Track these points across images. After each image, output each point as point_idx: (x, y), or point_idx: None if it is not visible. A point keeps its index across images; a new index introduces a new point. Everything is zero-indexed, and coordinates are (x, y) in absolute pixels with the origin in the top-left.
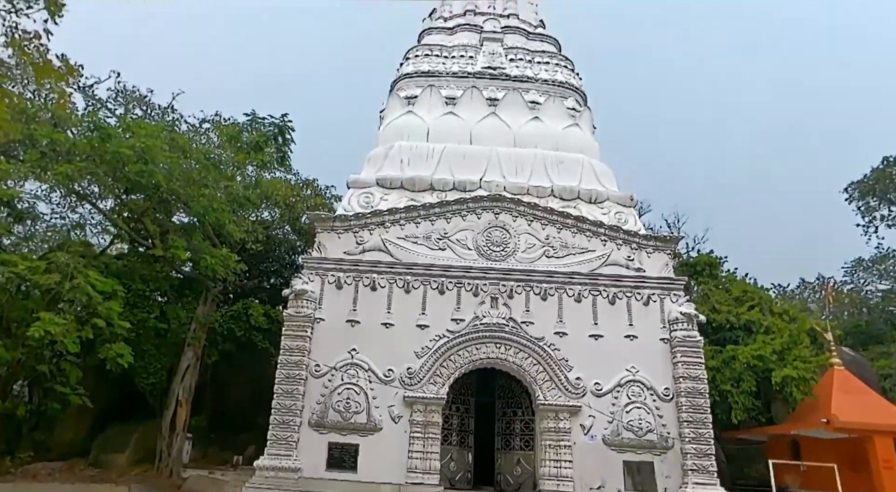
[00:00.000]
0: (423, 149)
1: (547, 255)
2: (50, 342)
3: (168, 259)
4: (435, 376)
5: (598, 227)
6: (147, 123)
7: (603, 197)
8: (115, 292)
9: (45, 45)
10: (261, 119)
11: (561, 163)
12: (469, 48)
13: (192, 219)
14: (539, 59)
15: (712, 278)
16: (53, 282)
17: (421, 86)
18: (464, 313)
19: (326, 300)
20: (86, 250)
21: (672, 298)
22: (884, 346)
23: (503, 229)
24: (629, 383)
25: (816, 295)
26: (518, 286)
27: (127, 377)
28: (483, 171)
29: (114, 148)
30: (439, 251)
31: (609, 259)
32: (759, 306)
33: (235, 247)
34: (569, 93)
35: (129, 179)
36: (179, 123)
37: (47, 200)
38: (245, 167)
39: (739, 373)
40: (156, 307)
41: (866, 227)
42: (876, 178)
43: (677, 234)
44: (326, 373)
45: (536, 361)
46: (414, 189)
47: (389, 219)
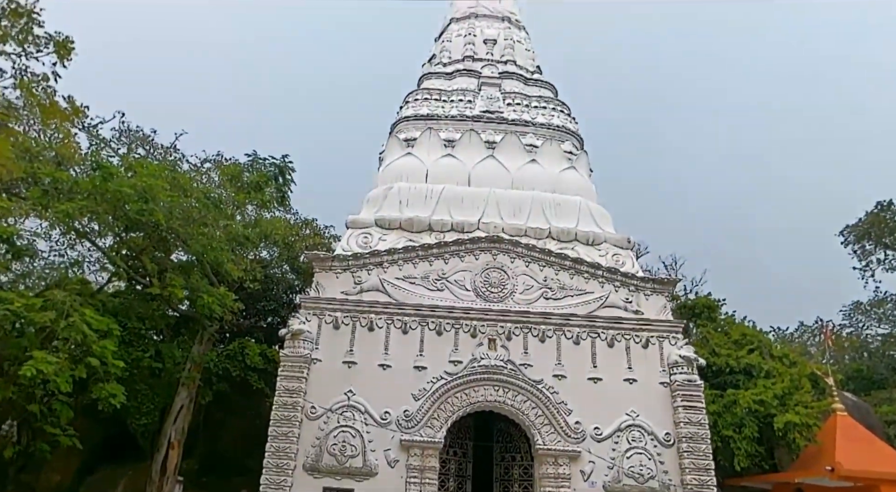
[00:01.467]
0: (422, 190)
1: (545, 296)
2: (42, 381)
3: (165, 297)
4: (432, 419)
5: (596, 269)
6: (149, 163)
7: (600, 239)
8: (110, 331)
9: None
10: (262, 159)
11: (558, 205)
12: (468, 93)
13: (190, 257)
14: (536, 104)
15: (711, 321)
16: (48, 320)
17: (420, 128)
18: (462, 355)
19: (323, 341)
20: (83, 288)
21: (671, 341)
22: (886, 391)
23: (501, 271)
24: (629, 427)
25: (816, 338)
26: (516, 328)
27: (118, 418)
28: (481, 212)
29: (115, 187)
30: (437, 292)
31: (607, 301)
32: (758, 350)
33: (233, 286)
34: (565, 137)
35: (129, 218)
36: (181, 162)
37: (47, 238)
38: (245, 206)
39: (741, 418)
40: (151, 346)
41: (863, 270)
42: (870, 222)
43: (675, 276)
44: (322, 415)
45: (535, 404)
46: (412, 230)
47: (388, 259)
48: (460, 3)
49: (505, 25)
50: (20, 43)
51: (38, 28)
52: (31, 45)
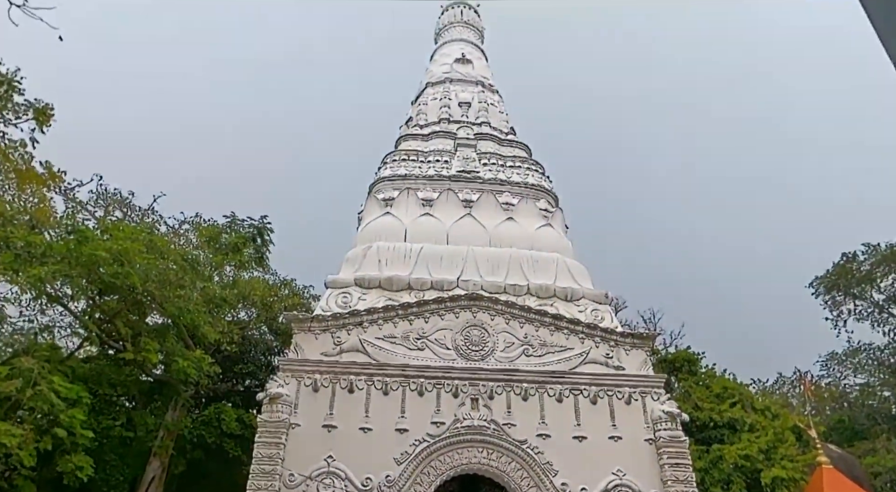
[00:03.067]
0: (401, 249)
1: (526, 353)
2: (4, 455)
3: (139, 362)
4: (416, 485)
5: (576, 325)
6: (126, 225)
7: (578, 295)
8: (79, 399)
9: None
10: (240, 221)
11: (536, 262)
12: (444, 153)
13: (166, 320)
14: (511, 164)
15: (692, 375)
16: (14, 389)
17: (398, 188)
18: (444, 416)
19: (302, 404)
20: (52, 354)
21: (653, 396)
22: (869, 442)
23: (482, 328)
24: (617, 487)
25: (796, 390)
26: (498, 386)
27: None
28: (460, 270)
29: (90, 250)
30: (418, 351)
31: (588, 357)
32: (741, 403)
33: (210, 348)
34: (541, 194)
35: (104, 281)
36: (159, 224)
37: (16, 303)
38: (223, 267)
39: (728, 474)
40: (122, 414)
41: (835, 320)
42: (838, 273)
43: (654, 330)
44: (301, 483)
45: (520, 465)
46: (392, 289)
47: (368, 319)
48: (436, 69)
49: (479, 89)
50: None
51: (18, 96)
52: (10, 112)
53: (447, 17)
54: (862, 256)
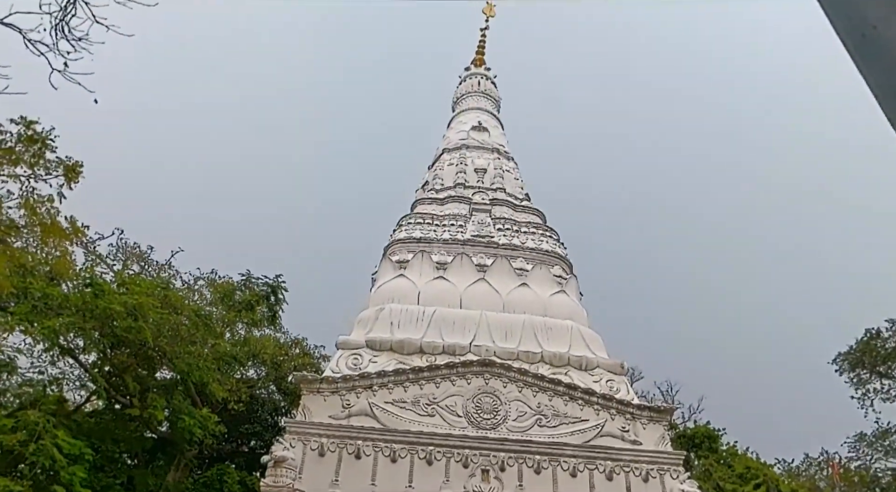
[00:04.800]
0: (414, 312)
1: (539, 423)
2: None
3: (145, 419)
4: None
5: (590, 395)
6: (142, 280)
7: (593, 364)
8: (81, 455)
9: (56, 208)
10: (255, 279)
11: (549, 329)
12: (459, 218)
13: (174, 376)
14: (525, 229)
15: (712, 452)
16: (17, 442)
17: (413, 251)
18: (453, 487)
19: (307, 469)
20: (59, 407)
21: (672, 475)
22: None
23: (494, 396)
24: None
25: (823, 472)
26: (510, 458)
27: None
28: (473, 335)
29: (105, 304)
30: (427, 417)
31: (603, 430)
32: (765, 485)
33: (216, 406)
34: (555, 261)
35: (116, 335)
36: (175, 279)
37: (28, 354)
38: (235, 325)
39: None
40: (123, 472)
41: (861, 400)
42: (861, 350)
43: (671, 402)
44: None
45: None
46: (403, 352)
47: (378, 382)
48: (452, 136)
49: (494, 156)
50: (31, 166)
51: (50, 153)
52: (41, 168)
53: (465, 87)
54: (887, 332)
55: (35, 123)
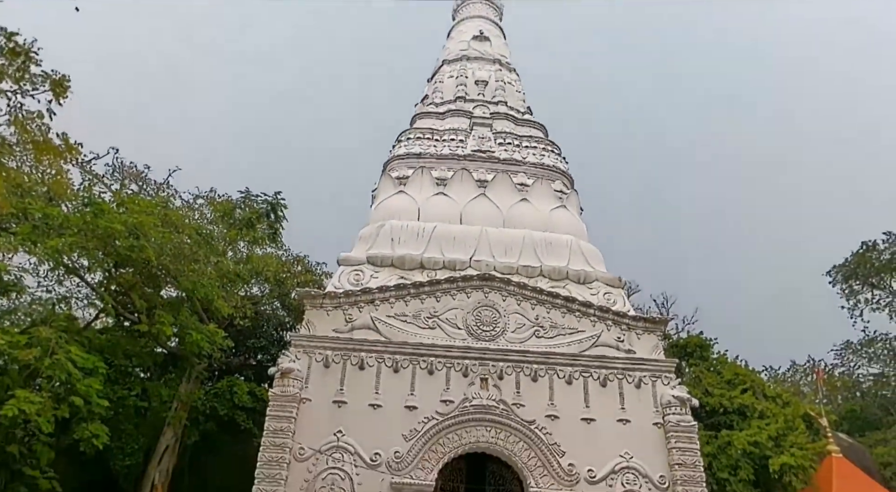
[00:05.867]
0: (414, 228)
1: (537, 335)
2: (23, 421)
3: (154, 335)
4: (423, 461)
5: (588, 307)
6: (141, 199)
7: (591, 278)
8: (95, 369)
9: (46, 125)
10: (254, 196)
11: (549, 244)
12: (459, 132)
13: (180, 294)
14: (527, 144)
15: (703, 361)
16: (33, 357)
17: (412, 167)
18: (453, 395)
19: (313, 380)
20: (69, 325)
21: (664, 381)
22: (881, 432)
23: (493, 309)
24: (623, 470)
25: (808, 378)
26: (508, 367)
27: (101, 459)
28: (473, 250)
29: (106, 223)
30: (428, 330)
31: (599, 340)
32: (752, 390)
33: (223, 323)
34: (556, 176)
35: (119, 254)
36: (174, 198)
37: (34, 274)
38: (236, 243)
39: (736, 460)
40: (137, 385)
41: (851, 310)
42: (856, 262)
43: (666, 314)
44: (311, 456)
45: (528, 445)
46: (404, 268)
47: (379, 297)
48: (452, 46)
49: (496, 67)
50: (17, 81)
51: (35, 67)
52: (27, 83)
53: None
54: (882, 244)
55: (16, 35)
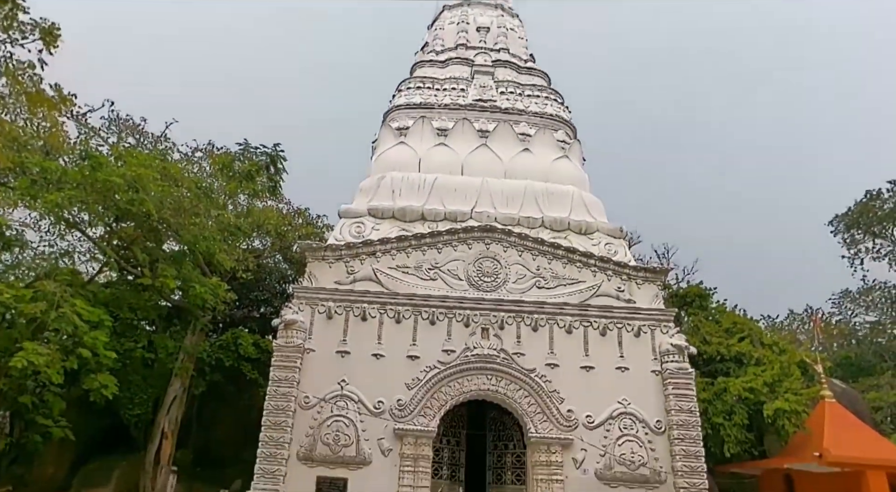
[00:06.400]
0: (415, 179)
1: (538, 286)
2: (33, 373)
3: (157, 288)
4: (425, 408)
5: (589, 258)
6: (139, 153)
7: (593, 228)
8: (101, 322)
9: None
10: (253, 148)
11: (551, 194)
12: (460, 81)
13: (182, 247)
14: (529, 93)
15: (702, 310)
16: (39, 311)
17: (413, 117)
18: (454, 344)
19: (316, 331)
20: (73, 279)
21: (663, 330)
22: (874, 378)
23: (494, 260)
24: (621, 415)
25: (805, 326)
26: (509, 317)
27: (111, 409)
28: (474, 202)
29: (105, 177)
30: (430, 281)
31: (599, 290)
32: (749, 338)
33: (225, 276)
34: (558, 125)
35: (119, 208)
36: (172, 151)
37: (36, 228)
38: (237, 196)
39: (731, 406)
40: (143, 337)
41: (851, 259)
42: (859, 211)
43: (667, 265)
44: (316, 405)
45: (528, 393)
46: (405, 219)
47: (380, 249)
48: None
49: (498, 13)
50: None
51: (24, 14)
52: (16, 31)
53: None
54: (887, 193)
55: None
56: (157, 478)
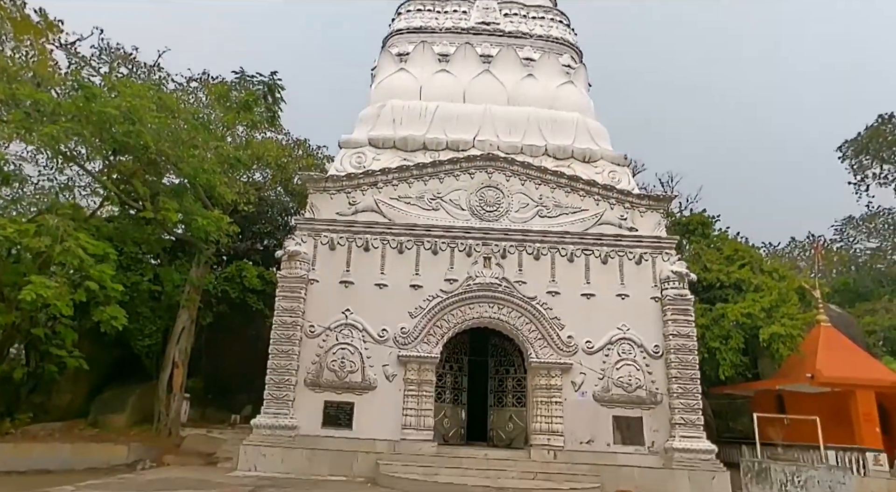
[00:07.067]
0: (416, 108)
1: (540, 214)
2: (43, 306)
3: (159, 221)
4: (429, 336)
5: (592, 186)
6: (133, 82)
7: (597, 156)
8: (106, 255)
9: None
10: (250, 77)
11: (555, 122)
12: (462, 3)
13: (182, 180)
14: (534, 14)
15: (704, 238)
16: (44, 245)
17: (413, 42)
18: (457, 273)
19: (320, 261)
20: (75, 213)
21: (664, 258)
22: (870, 303)
23: (496, 189)
24: (620, 341)
25: (806, 253)
26: (511, 246)
27: (122, 340)
28: (476, 130)
29: (99, 108)
30: (432, 211)
31: (602, 219)
32: (749, 265)
33: (227, 209)
34: (564, 49)
35: (117, 140)
36: (166, 81)
37: (33, 162)
38: (235, 127)
39: (728, 331)
40: (149, 270)
41: (858, 185)
42: (870, 136)
43: (671, 193)
44: (321, 333)
45: (529, 320)
46: (406, 149)
47: (382, 179)
48: None
49: None
50: None
51: None
52: None
53: None
54: None
55: None
56: (170, 404)
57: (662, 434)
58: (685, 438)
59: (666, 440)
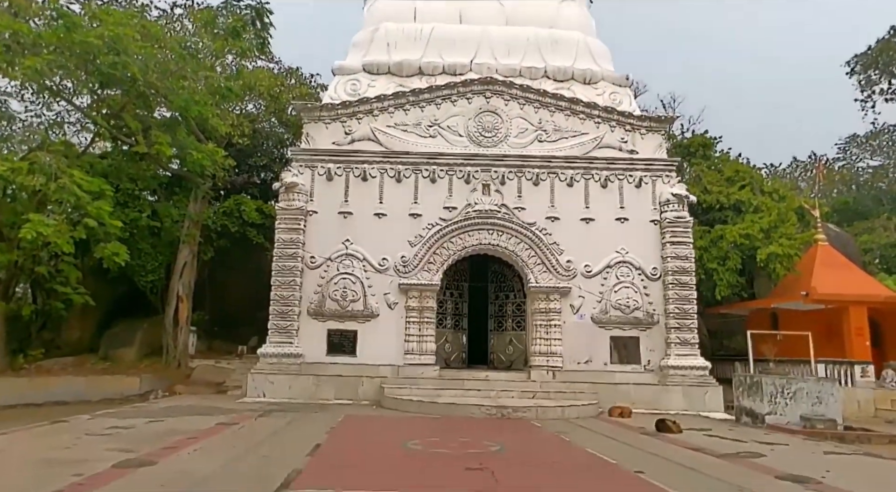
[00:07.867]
0: (411, 30)
1: (539, 139)
2: (44, 244)
3: (153, 156)
4: (429, 264)
5: (592, 108)
6: (114, 10)
7: (598, 77)
8: (102, 192)
9: None
10: (236, 2)
11: (555, 42)
12: None
13: (174, 114)
14: None
15: (705, 159)
16: (39, 184)
17: None
18: (456, 201)
19: (318, 192)
20: (67, 150)
21: (664, 180)
22: (868, 222)
23: (495, 114)
24: (618, 264)
25: (808, 173)
26: (510, 172)
27: (126, 277)
28: (474, 52)
29: (81, 38)
30: (430, 139)
31: (602, 142)
32: (749, 186)
33: (221, 142)
34: None
35: (102, 73)
36: (149, 8)
37: (19, 98)
38: (224, 56)
39: (726, 252)
40: (147, 206)
41: (864, 102)
42: (880, 49)
43: (673, 115)
44: (322, 264)
45: (528, 246)
46: (402, 74)
47: (377, 106)
48: None
49: None
50: None
51: None
52: None
53: None
54: None
55: None
56: (177, 337)
57: (658, 353)
58: (680, 356)
59: (661, 359)
